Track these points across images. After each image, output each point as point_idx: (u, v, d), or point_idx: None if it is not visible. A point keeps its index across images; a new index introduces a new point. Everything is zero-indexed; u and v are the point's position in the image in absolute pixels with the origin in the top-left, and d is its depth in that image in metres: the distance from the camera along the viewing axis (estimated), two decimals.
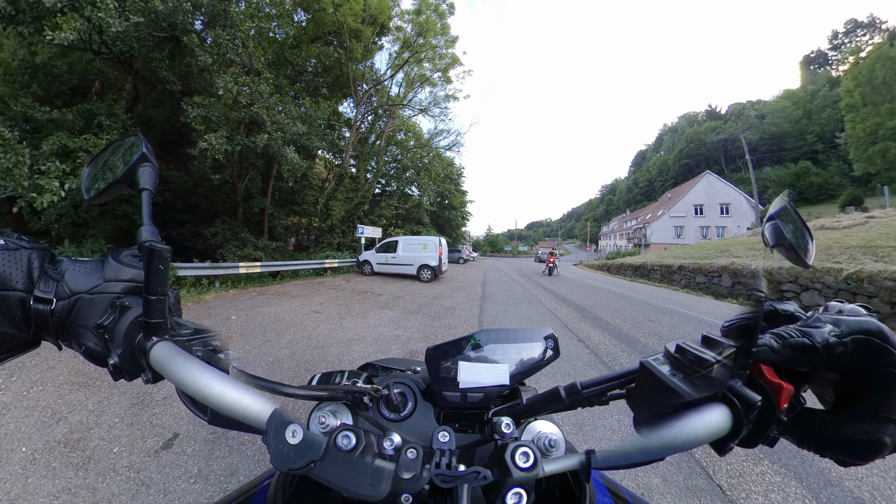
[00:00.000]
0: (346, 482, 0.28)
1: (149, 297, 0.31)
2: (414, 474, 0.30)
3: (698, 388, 0.29)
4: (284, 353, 3.66)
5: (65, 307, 0.33)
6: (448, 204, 31.05)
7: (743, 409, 0.27)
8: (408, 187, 24.16)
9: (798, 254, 0.33)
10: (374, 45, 16.54)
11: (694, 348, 0.32)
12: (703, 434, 0.27)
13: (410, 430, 0.41)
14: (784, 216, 0.35)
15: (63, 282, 0.34)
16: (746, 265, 11.17)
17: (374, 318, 5.41)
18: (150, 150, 0.36)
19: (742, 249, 15.19)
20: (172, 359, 0.31)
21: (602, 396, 0.37)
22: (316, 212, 15.23)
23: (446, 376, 0.41)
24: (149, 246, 0.31)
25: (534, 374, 0.42)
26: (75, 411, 2.32)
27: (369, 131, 19.82)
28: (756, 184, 40.28)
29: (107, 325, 0.33)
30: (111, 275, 0.35)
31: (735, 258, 13.07)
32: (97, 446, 1.96)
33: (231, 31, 8.37)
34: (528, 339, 0.43)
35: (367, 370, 0.64)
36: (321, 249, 14.37)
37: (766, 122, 66.46)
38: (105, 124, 7.81)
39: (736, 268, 11.52)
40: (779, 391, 0.28)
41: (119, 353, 0.33)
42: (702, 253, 16.82)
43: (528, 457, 0.31)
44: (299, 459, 0.27)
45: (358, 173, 17.66)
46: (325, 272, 12.62)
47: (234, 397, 0.29)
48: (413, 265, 11.60)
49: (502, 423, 0.37)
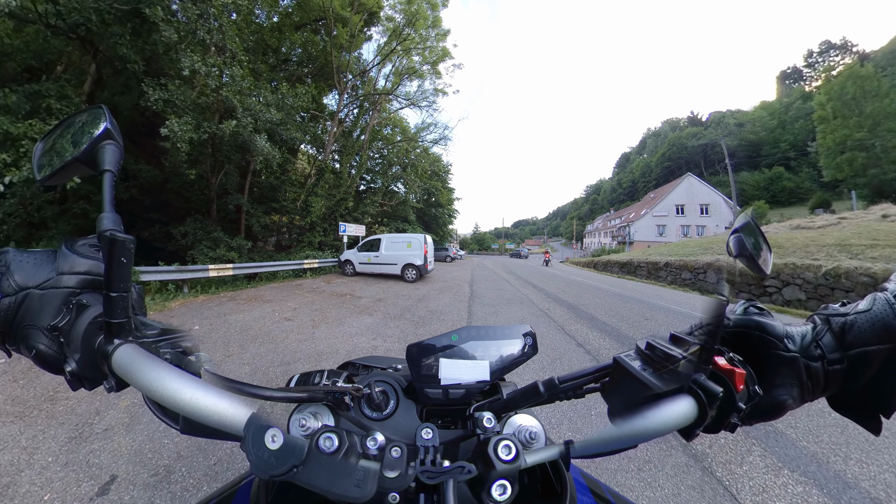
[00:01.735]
0: (332, 485, 0.27)
1: (109, 294, 0.29)
2: (399, 473, 0.30)
3: (667, 382, 0.32)
4: (245, 370, 3.29)
5: (11, 305, 0.29)
6: (435, 201, 30.59)
7: (707, 399, 0.30)
8: (394, 184, 23.61)
9: (757, 263, 0.39)
10: (361, 34, 15.88)
11: (663, 345, 0.35)
12: (672, 422, 0.30)
13: (394, 428, 0.40)
14: (746, 230, 0.39)
15: (8, 274, 0.30)
16: (731, 263, 11.42)
17: (350, 325, 5.03)
18: (115, 125, 0.32)
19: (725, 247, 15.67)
20: (138, 363, 0.28)
21: (578, 390, 0.38)
22: (296, 209, 14.51)
23: (428, 373, 0.41)
24: (109, 235, 0.28)
25: (513, 370, 0.43)
26: (6, 449, 2.06)
27: (354, 125, 19.14)
28: (735, 186, 44.22)
29: (61, 327, 0.30)
30: (65, 266, 0.32)
31: (719, 255, 13.58)
32: (27, 493, 1.70)
33: (202, 4, 7.61)
34: (507, 335, 0.44)
35: (348, 369, 0.62)
36: (301, 249, 13.68)
37: (745, 130, 72.23)
38: (55, 108, 7.04)
39: (720, 265, 11.97)
40: (732, 376, 0.32)
41: (77, 358, 0.30)
42: (686, 250, 17.33)
43: (510, 449, 0.31)
44: (281, 465, 0.26)
45: (341, 168, 17.02)
46: (305, 273, 11.97)
47: (208, 403, 0.28)
48: (397, 264, 11.05)
49: (484, 418, 0.37)
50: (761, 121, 72.80)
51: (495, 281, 12.15)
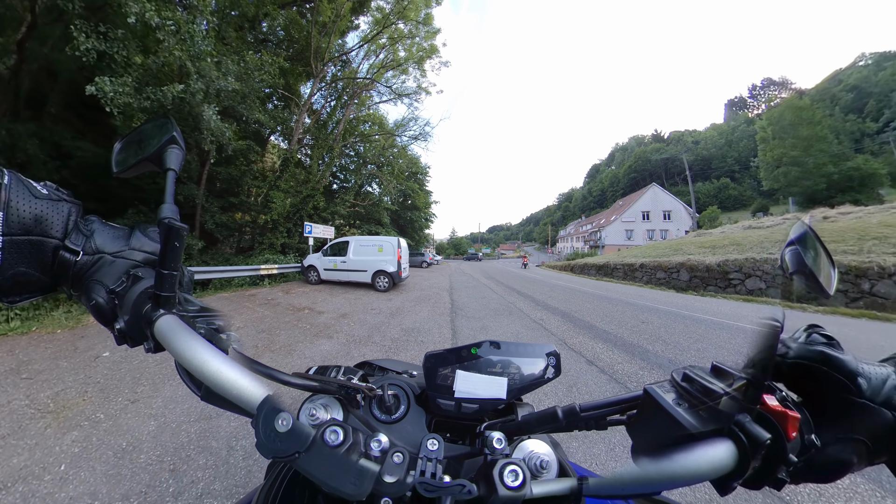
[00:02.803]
0: (329, 477, 0.27)
1: (161, 271, 0.32)
2: (397, 479, 0.29)
3: (704, 421, 0.28)
4: (144, 432, 2.17)
5: (88, 262, 0.34)
6: (411, 204, 29.22)
7: (750, 446, 0.26)
8: (368, 184, 22.21)
9: (818, 281, 0.32)
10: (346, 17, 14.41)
11: (702, 377, 0.31)
12: (705, 470, 0.26)
13: (400, 433, 0.40)
14: (805, 242, 0.34)
15: (91, 239, 0.35)
16: (701, 261, 12.50)
17: (300, 354, 3.85)
18: (179, 133, 0.38)
19: (693, 248, 16.63)
20: (176, 332, 0.31)
21: (601, 421, 0.36)
22: (257, 205, 12.81)
23: (442, 383, 0.40)
24: (167, 223, 0.32)
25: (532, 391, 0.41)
26: None
27: (330, 116, 17.60)
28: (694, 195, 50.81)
29: (118, 291, 0.35)
30: (135, 244, 0.38)
31: (689, 255, 14.36)
32: None
33: None
34: (529, 353, 0.42)
35: (364, 368, 0.62)
36: (261, 252, 11.97)
37: (700, 146, 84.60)
38: None
39: (692, 264, 12.69)
40: (784, 420, 0.27)
41: (126, 319, 0.34)
42: (657, 252, 18.03)
43: (517, 475, 0.29)
44: (285, 448, 0.27)
45: (311, 162, 15.44)
46: (263, 281, 10.29)
47: (230, 377, 0.30)
48: (367, 271, 9.67)
49: (494, 438, 0.36)
50: (712, 139, 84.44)
51: (477, 288, 11.30)
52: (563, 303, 8.02)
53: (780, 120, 41.02)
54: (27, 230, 0.30)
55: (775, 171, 41.57)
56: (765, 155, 42.73)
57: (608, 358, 3.78)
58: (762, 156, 43.55)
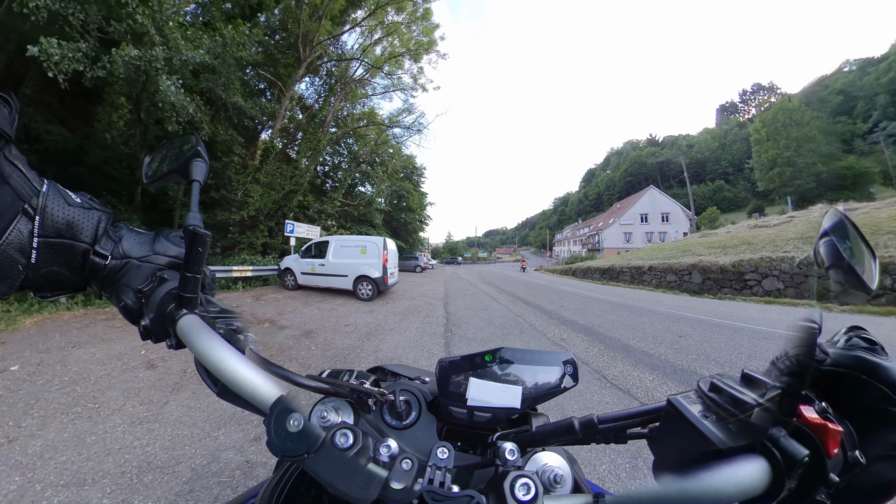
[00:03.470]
0: (336, 480, 0.27)
1: (185, 274, 0.34)
2: (405, 486, 0.28)
3: (733, 436, 0.26)
4: None
5: (116, 266, 0.37)
6: (405, 205, 28.13)
7: (786, 464, 0.23)
8: (361, 184, 21.11)
9: (858, 275, 0.29)
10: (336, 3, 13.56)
11: (732, 387, 0.29)
12: (734, 490, 0.23)
13: (410, 440, 0.40)
14: (840, 232, 0.31)
15: (119, 244, 0.37)
16: (714, 262, 11.79)
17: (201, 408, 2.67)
18: (203, 148, 0.40)
19: (702, 248, 15.93)
20: (196, 331, 0.33)
21: (620, 434, 0.35)
22: (236, 200, 11.70)
23: (455, 391, 0.40)
24: (192, 229, 0.34)
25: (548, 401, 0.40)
26: None
27: (321, 109, 16.59)
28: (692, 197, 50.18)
29: (145, 291, 0.37)
30: (160, 249, 0.39)
31: (700, 256, 13.65)
32: None
33: None
34: (545, 361, 0.41)
35: (377, 373, 0.61)
36: (239, 252, 10.90)
37: (694, 150, 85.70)
38: None
39: (705, 265, 12.03)
40: (824, 435, 0.24)
41: (151, 317, 0.36)
42: (664, 254, 17.36)
43: (529, 489, 0.28)
44: (295, 448, 0.27)
45: (297, 156, 14.34)
46: (236, 284, 9.21)
47: (246, 376, 0.31)
48: (348, 276, 8.36)
49: (506, 449, 0.34)
50: (706, 143, 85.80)
51: (476, 296, 10.09)
52: (579, 314, 6.92)
53: (774, 122, 41.47)
54: (59, 233, 0.32)
55: (770, 171, 41.98)
56: (759, 156, 43.10)
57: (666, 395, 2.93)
58: (757, 157, 43.94)
